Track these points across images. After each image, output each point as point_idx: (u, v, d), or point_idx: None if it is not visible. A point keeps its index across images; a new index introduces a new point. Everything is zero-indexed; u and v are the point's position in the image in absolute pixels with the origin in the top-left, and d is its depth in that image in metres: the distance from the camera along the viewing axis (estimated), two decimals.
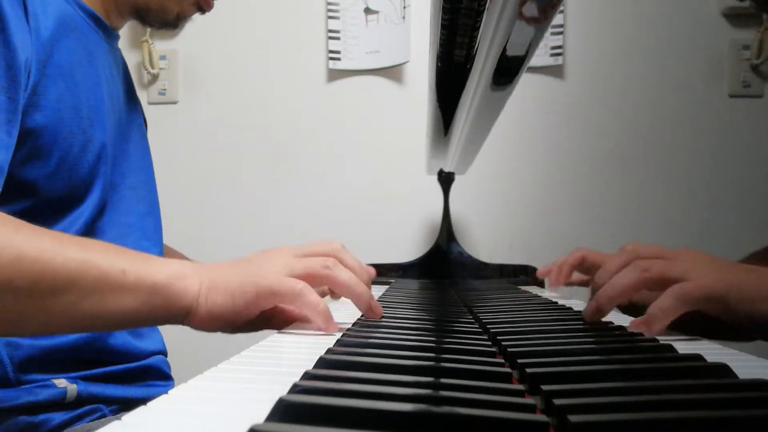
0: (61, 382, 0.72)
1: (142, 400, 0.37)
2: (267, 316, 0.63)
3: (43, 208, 0.70)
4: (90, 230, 0.76)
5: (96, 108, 0.76)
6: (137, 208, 0.85)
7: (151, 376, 0.84)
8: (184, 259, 0.99)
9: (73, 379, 0.73)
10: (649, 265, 0.61)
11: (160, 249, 0.91)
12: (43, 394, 0.71)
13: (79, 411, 0.73)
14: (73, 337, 0.74)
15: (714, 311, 0.58)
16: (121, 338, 0.79)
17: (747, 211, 1.63)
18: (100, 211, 0.78)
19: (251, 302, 0.58)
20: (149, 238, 0.87)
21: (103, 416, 0.75)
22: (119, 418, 0.30)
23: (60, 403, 0.72)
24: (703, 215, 1.64)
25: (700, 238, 1.60)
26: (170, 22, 0.88)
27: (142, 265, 0.56)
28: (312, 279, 0.61)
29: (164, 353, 0.89)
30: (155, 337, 0.87)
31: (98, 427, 0.28)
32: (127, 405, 0.78)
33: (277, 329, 0.64)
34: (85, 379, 0.75)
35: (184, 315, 0.58)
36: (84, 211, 0.75)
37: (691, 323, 0.62)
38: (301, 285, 0.59)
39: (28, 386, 0.70)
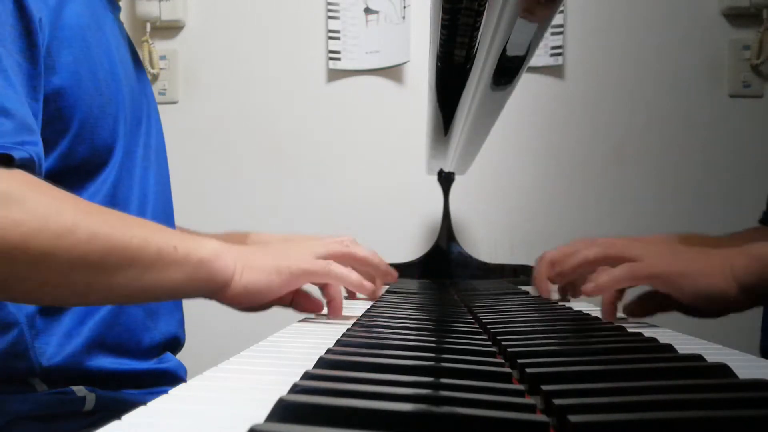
0: (81, 390, 0.73)
1: None
2: (291, 297, 0.71)
3: (70, 172, 0.71)
4: (114, 196, 0.76)
5: (110, 71, 0.77)
6: (149, 179, 0.85)
7: (168, 382, 0.83)
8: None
9: (91, 388, 0.74)
10: (612, 242, 0.71)
11: (171, 222, 0.91)
12: (62, 402, 0.71)
13: (93, 418, 0.73)
14: (91, 322, 0.74)
15: (662, 288, 0.67)
16: (136, 316, 0.80)
17: (747, 210, 1.63)
18: (120, 177, 0.78)
19: (286, 281, 0.67)
20: (162, 210, 0.88)
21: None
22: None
23: (78, 412, 0.72)
24: (703, 215, 1.64)
25: None
26: None
27: (189, 243, 0.63)
28: (333, 258, 0.70)
29: (179, 339, 0.89)
30: (172, 317, 0.87)
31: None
32: None
33: (297, 311, 0.73)
34: (102, 385, 0.75)
35: (220, 288, 0.64)
36: (108, 177, 0.76)
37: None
38: (329, 262, 0.69)
39: (48, 393, 0.71)
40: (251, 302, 0.67)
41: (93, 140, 0.73)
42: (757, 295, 0.64)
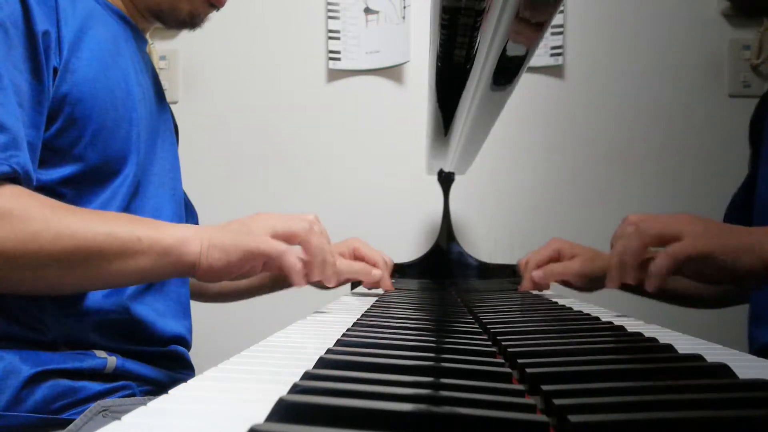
0: (102, 353, 0.77)
1: (170, 385, 0.40)
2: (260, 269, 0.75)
3: (87, 176, 0.78)
4: (127, 208, 0.82)
5: (127, 92, 0.83)
6: (164, 197, 0.90)
7: (177, 363, 0.89)
8: None
9: (111, 352, 0.78)
10: (648, 226, 0.71)
11: None
12: (86, 361, 0.76)
13: (113, 384, 0.78)
14: (104, 309, 0.79)
15: (704, 267, 0.68)
16: (146, 315, 0.84)
17: None
18: (135, 189, 0.84)
19: (242, 259, 0.72)
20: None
21: (133, 395, 0.80)
22: (144, 403, 0.31)
23: (99, 373, 0.77)
24: (703, 215, 1.63)
25: None
26: (186, 22, 0.92)
27: (154, 232, 0.69)
28: (291, 238, 0.74)
29: (186, 339, 0.92)
30: (179, 322, 0.90)
31: (128, 404, 0.30)
32: (157, 388, 0.83)
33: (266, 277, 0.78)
34: (121, 353, 0.79)
35: (190, 269, 0.71)
36: (121, 188, 0.81)
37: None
38: (283, 247, 0.72)
39: (72, 352, 0.76)
40: (219, 278, 0.73)
41: (105, 150, 0.79)
42: None
